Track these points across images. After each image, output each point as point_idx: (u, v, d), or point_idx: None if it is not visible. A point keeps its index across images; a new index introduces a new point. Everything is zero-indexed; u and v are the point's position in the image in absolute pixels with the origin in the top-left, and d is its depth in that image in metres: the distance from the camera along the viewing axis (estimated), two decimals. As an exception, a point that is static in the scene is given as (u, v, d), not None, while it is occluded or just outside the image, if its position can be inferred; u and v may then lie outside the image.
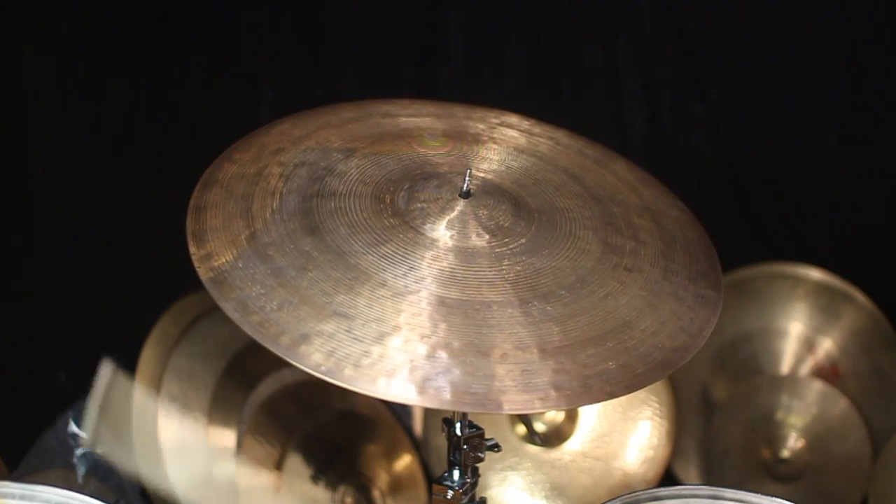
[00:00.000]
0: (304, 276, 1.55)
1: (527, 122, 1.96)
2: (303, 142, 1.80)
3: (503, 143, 1.87)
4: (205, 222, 1.63)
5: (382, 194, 1.69)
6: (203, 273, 1.56)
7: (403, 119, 1.90)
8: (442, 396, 1.45)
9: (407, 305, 1.52)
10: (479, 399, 1.45)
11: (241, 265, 1.56)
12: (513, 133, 1.91)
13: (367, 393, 1.44)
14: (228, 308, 1.51)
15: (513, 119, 1.96)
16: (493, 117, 1.95)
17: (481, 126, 1.91)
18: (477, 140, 1.87)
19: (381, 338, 1.48)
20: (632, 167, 1.92)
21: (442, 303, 1.53)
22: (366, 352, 1.47)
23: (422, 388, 1.45)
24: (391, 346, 1.47)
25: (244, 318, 1.50)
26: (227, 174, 1.72)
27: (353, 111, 1.91)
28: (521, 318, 1.54)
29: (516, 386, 1.47)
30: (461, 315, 1.52)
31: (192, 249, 1.59)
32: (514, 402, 1.45)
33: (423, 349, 1.48)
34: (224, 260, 1.58)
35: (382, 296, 1.53)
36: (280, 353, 1.47)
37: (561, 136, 1.94)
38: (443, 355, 1.48)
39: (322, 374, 1.45)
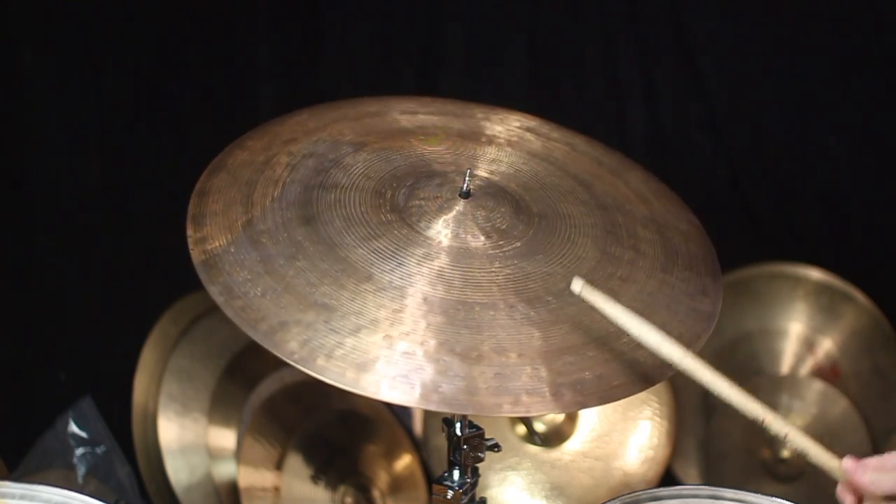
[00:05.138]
0: (291, 265, 1.55)
1: (546, 127, 1.95)
2: (316, 133, 1.80)
3: (517, 146, 1.87)
4: (206, 206, 1.64)
5: (384, 189, 1.69)
6: (195, 256, 1.57)
7: (422, 117, 1.90)
8: (410, 394, 1.45)
9: (389, 301, 1.52)
10: (446, 399, 1.45)
11: (233, 250, 1.57)
12: (530, 136, 1.91)
13: (336, 384, 1.44)
14: (214, 291, 1.52)
15: (532, 122, 1.95)
16: (514, 120, 1.94)
17: (498, 128, 1.91)
18: (491, 141, 1.86)
19: (357, 330, 1.48)
20: (648, 178, 1.90)
21: (425, 301, 1.53)
22: (340, 343, 1.47)
23: (391, 384, 1.45)
24: (366, 340, 1.48)
25: (228, 303, 1.51)
26: (237, 160, 1.73)
27: (374, 106, 1.91)
28: (503, 321, 1.53)
29: (487, 388, 1.46)
30: (442, 314, 1.52)
31: (189, 232, 1.60)
32: (481, 405, 1.45)
33: (398, 345, 1.48)
34: (217, 244, 1.58)
35: (366, 290, 1.53)
36: (257, 339, 1.48)
37: (579, 142, 1.93)
38: (418, 352, 1.48)
39: (295, 361, 1.46)
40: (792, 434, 1.46)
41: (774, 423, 1.45)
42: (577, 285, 1.50)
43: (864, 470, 1.44)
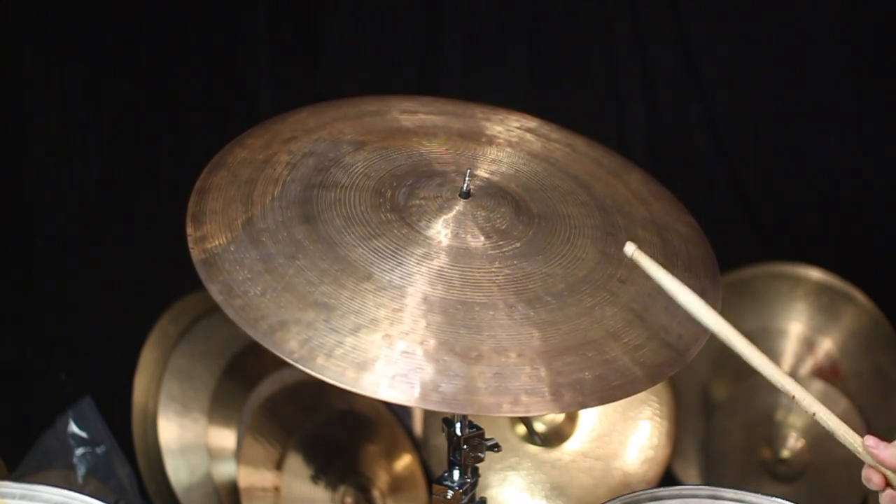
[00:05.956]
0: (291, 264, 1.55)
1: (546, 128, 1.95)
2: (316, 132, 1.80)
3: (517, 147, 1.87)
4: (206, 204, 1.64)
5: (384, 189, 1.69)
6: (195, 254, 1.57)
7: (422, 116, 1.90)
8: (410, 393, 1.45)
9: (388, 300, 1.52)
10: (445, 398, 1.45)
11: (232, 249, 1.57)
12: (530, 137, 1.91)
13: (336, 384, 1.44)
14: (213, 290, 1.52)
15: (532, 123, 1.95)
16: (514, 120, 1.94)
17: (498, 128, 1.91)
18: (491, 142, 1.86)
19: (356, 330, 1.48)
20: (648, 180, 1.90)
21: (425, 300, 1.53)
22: (339, 342, 1.47)
23: (391, 383, 1.45)
24: (366, 339, 1.48)
25: (227, 301, 1.51)
26: (237, 159, 1.73)
27: (375, 105, 1.91)
28: (503, 321, 1.53)
29: (486, 388, 1.46)
30: (442, 314, 1.52)
31: (189, 230, 1.60)
32: (480, 405, 1.45)
33: (398, 344, 1.48)
34: (217, 243, 1.58)
35: (366, 289, 1.53)
36: (256, 338, 1.48)
37: (580, 143, 1.93)
38: (417, 352, 1.48)
39: (294, 361, 1.46)
40: (820, 413, 1.56)
41: (804, 399, 1.55)
42: (630, 249, 1.51)
43: (885, 446, 1.48)
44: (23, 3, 2.78)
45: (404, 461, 2.79)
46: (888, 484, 1.51)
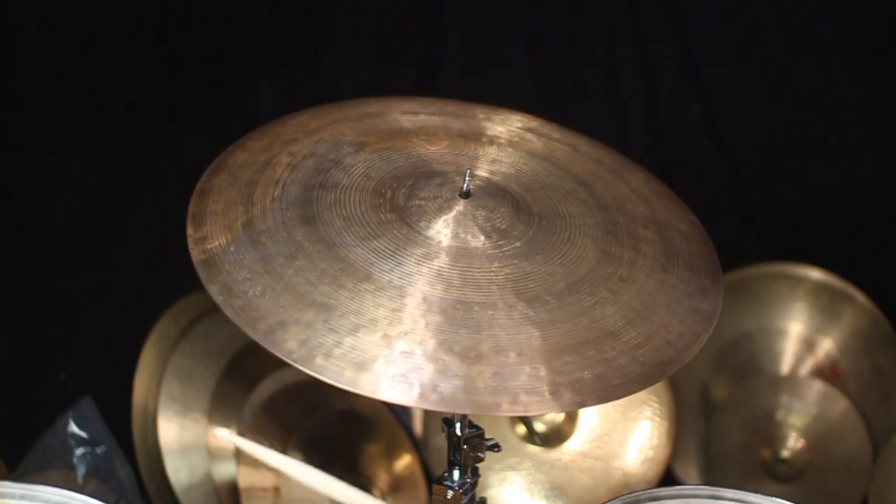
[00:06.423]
0: (290, 265, 1.56)
1: (548, 127, 1.95)
2: (317, 133, 1.80)
3: (518, 147, 1.87)
4: (206, 206, 1.65)
5: (384, 189, 1.69)
6: (195, 255, 1.58)
7: (423, 117, 1.90)
8: (408, 393, 1.45)
9: (388, 301, 1.52)
10: (444, 398, 1.45)
11: (232, 249, 1.58)
12: (531, 137, 1.91)
13: (334, 384, 1.44)
14: (213, 290, 1.53)
15: (534, 123, 1.95)
16: (515, 120, 1.94)
17: (500, 128, 1.91)
18: (492, 142, 1.86)
19: (355, 330, 1.49)
20: (649, 178, 1.90)
21: (424, 300, 1.53)
22: (338, 342, 1.47)
23: (389, 384, 1.45)
24: (365, 339, 1.48)
25: (227, 302, 1.52)
26: (237, 161, 1.74)
27: (375, 106, 1.91)
28: (503, 320, 1.53)
29: (485, 388, 1.46)
30: (441, 314, 1.52)
31: (189, 231, 1.61)
32: (479, 404, 1.45)
33: (396, 345, 1.48)
34: (217, 243, 1.59)
35: (365, 289, 1.53)
36: (255, 338, 1.48)
37: (581, 142, 1.93)
38: (416, 352, 1.48)
39: (293, 361, 1.46)
40: None
41: None
42: (224, 433, 1.49)
43: None
44: (23, 3, 2.78)
45: (404, 461, 2.79)
46: None
